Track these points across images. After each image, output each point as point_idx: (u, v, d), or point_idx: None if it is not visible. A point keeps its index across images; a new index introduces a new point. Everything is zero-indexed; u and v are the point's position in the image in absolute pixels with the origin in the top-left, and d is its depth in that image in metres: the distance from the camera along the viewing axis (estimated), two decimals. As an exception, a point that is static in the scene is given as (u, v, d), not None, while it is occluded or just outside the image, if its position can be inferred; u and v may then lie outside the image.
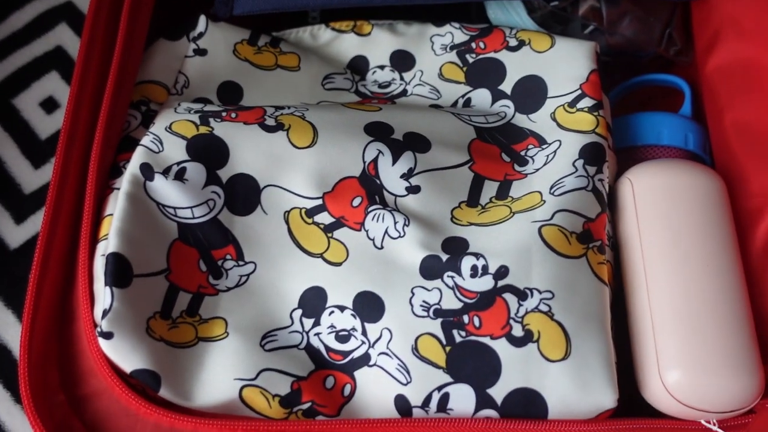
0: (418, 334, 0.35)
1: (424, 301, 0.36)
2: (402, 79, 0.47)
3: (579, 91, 0.43)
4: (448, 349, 0.35)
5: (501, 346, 0.35)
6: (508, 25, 0.49)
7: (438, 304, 0.36)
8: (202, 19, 0.45)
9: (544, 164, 0.41)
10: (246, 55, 0.45)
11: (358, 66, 0.47)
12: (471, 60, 0.46)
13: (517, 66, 0.45)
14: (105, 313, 0.34)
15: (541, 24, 0.48)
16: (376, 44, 0.47)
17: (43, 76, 0.50)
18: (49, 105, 0.49)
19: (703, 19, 0.46)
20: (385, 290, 0.37)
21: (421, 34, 0.47)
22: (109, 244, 0.35)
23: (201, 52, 0.44)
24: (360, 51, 0.47)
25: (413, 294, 0.36)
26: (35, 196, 0.47)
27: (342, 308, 0.37)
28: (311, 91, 0.46)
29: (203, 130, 0.40)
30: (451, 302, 0.36)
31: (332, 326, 0.37)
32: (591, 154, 0.40)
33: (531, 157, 0.42)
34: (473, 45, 0.46)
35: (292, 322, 0.37)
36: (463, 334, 0.35)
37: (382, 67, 0.47)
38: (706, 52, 0.46)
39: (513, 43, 0.46)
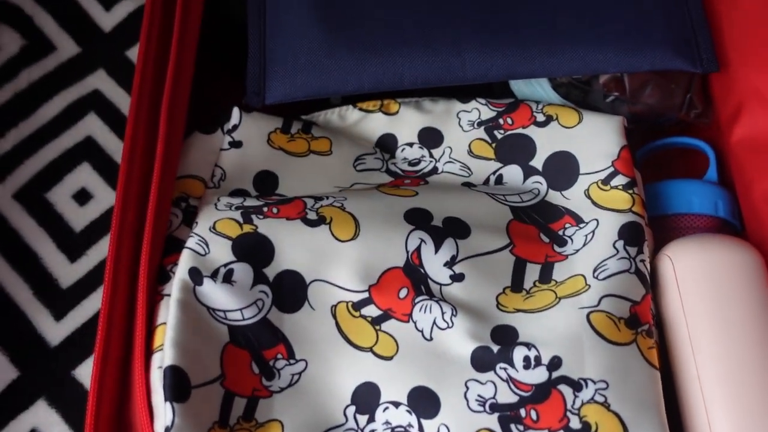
0: (476, 430, 0.36)
1: (479, 396, 0.36)
2: (431, 156, 0.47)
3: (611, 169, 0.44)
4: None
5: (560, 440, 0.35)
6: (532, 98, 0.50)
7: (493, 398, 0.36)
8: (236, 112, 0.45)
9: (584, 245, 0.42)
10: (280, 144, 0.46)
11: (387, 144, 0.48)
12: (499, 136, 0.47)
13: (546, 142, 0.46)
14: (167, 430, 0.34)
15: (564, 95, 0.49)
16: (404, 122, 0.48)
17: (74, 168, 0.50)
18: (82, 197, 0.49)
19: (726, 89, 0.47)
20: (439, 384, 0.37)
21: (447, 110, 0.48)
22: (165, 356, 0.35)
23: (236, 144, 0.45)
24: (388, 129, 0.48)
25: (468, 388, 0.37)
26: (73, 290, 0.47)
27: (396, 404, 0.37)
28: (344, 173, 0.46)
29: (247, 228, 0.40)
30: (506, 396, 0.36)
31: (387, 423, 0.37)
32: (630, 235, 0.41)
33: (569, 237, 0.43)
34: (501, 121, 0.47)
35: (347, 420, 0.37)
36: (521, 428, 0.35)
37: (410, 145, 0.47)
38: (731, 123, 0.46)
39: (540, 118, 0.47)
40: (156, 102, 0.43)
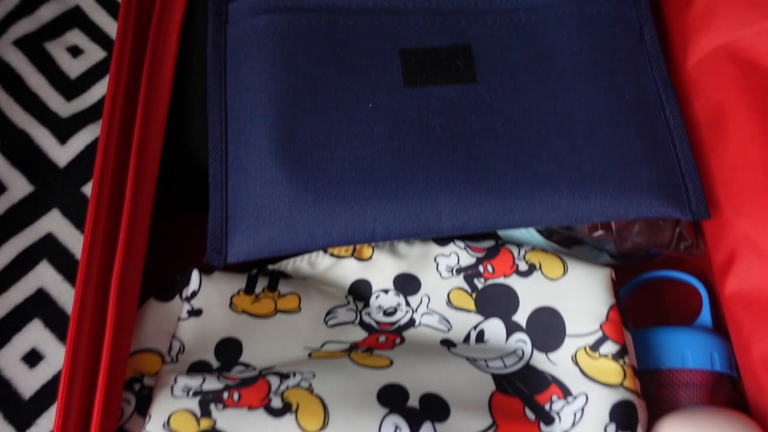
0: None
1: None
2: (408, 304, 0.44)
3: (600, 333, 0.41)
4: None
5: None
6: (514, 238, 0.47)
7: None
8: (195, 276, 0.42)
9: (573, 425, 0.39)
10: (243, 307, 0.42)
11: (361, 291, 0.45)
12: (480, 285, 0.44)
13: (529, 294, 0.43)
14: None
15: (547, 236, 0.47)
16: (378, 268, 0.45)
17: (24, 327, 0.46)
18: (32, 358, 0.46)
19: (718, 234, 0.45)
20: None
21: (424, 254, 0.45)
22: None
23: (196, 312, 0.41)
24: (361, 275, 0.45)
25: None
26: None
27: None
28: (314, 331, 0.43)
29: (204, 424, 0.36)
30: None
31: None
32: (623, 417, 0.38)
33: (557, 413, 0.39)
34: (481, 268, 0.44)
35: None
36: None
37: (386, 291, 0.44)
38: (724, 271, 0.44)
39: (523, 267, 0.44)
40: (109, 260, 0.39)
